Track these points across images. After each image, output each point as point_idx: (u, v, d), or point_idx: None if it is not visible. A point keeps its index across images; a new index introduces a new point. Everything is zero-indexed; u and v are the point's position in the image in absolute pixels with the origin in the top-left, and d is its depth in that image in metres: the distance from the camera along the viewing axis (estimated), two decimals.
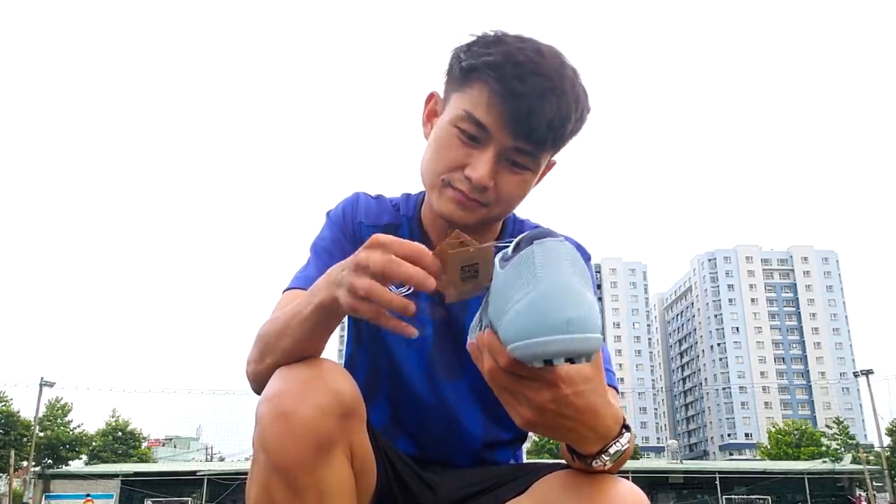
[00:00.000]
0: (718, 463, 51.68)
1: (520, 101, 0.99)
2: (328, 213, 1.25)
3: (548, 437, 0.67)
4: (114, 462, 42.44)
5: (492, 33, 1.06)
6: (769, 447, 53.05)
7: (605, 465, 0.85)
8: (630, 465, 36.04)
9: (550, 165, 1.17)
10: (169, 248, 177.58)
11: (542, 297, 0.67)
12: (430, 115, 1.17)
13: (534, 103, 0.99)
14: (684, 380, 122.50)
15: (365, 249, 0.82)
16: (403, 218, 1.23)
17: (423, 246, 0.81)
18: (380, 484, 1.03)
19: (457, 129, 1.05)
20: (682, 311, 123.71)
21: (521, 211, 1.26)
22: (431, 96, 1.18)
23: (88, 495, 31.11)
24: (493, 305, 0.74)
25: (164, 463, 45.70)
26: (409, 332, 0.83)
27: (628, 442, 0.85)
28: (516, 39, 1.05)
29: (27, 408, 39.93)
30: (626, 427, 0.86)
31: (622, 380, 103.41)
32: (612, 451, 0.84)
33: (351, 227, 1.21)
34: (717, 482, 35.33)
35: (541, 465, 1.04)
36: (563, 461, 0.98)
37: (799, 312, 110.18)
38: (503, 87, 1.00)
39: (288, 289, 1.14)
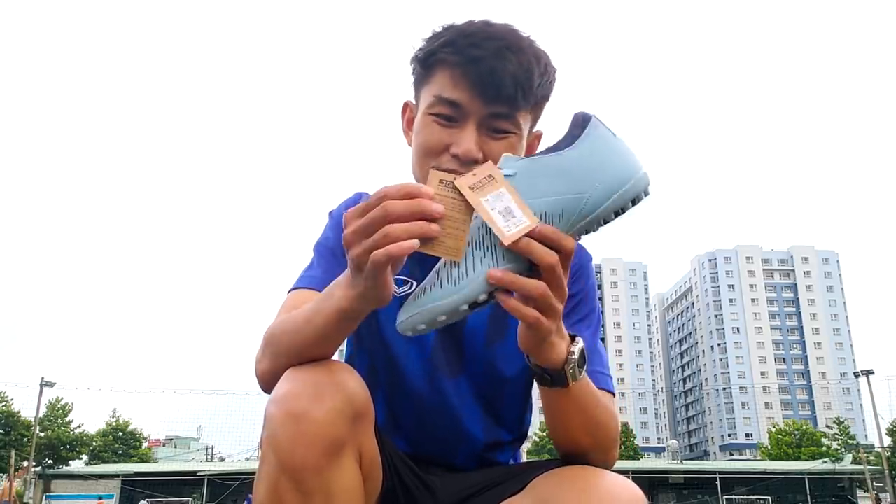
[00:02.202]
0: (719, 463, 51.72)
1: (480, 65, 1.03)
2: (331, 213, 1.26)
3: (530, 347, 0.89)
4: (114, 462, 42.48)
5: (440, 27, 1.11)
6: (769, 447, 53.01)
7: (574, 369, 0.92)
8: (630, 465, 36.12)
9: (537, 136, 1.18)
10: (169, 248, 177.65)
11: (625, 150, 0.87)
12: (409, 123, 1.19)
13: (494, 63, 1.02)
14: (685, 380, 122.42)
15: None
16: None
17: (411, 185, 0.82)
18: (385, 486, 1.03)
19: (431, 115, 1.08)
20: (682, 312, 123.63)
21: None
22: (406, 105, 1.21)
23: (100, 497, 31.04)
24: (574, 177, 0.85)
25: (165, 463, 45.67)
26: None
27: (580, 343, 0.95)
28: (464, 21, 1.10)
29: (28, 408, 40.03)
30: (573, 336, 0.95)
31: (622, 380, 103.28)
32: (574, 350, 0.92)
33: None
34: (718, 482, 35.31)
35: (537, 463, 1.05)
36: (558, 458, 1.00)
37: (799, 313, 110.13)
38: (461, 57, 1.04)
39: (293, 289, 1.15)
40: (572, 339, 0.94)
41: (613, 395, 1.13)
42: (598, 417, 1.00)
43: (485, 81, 1.03)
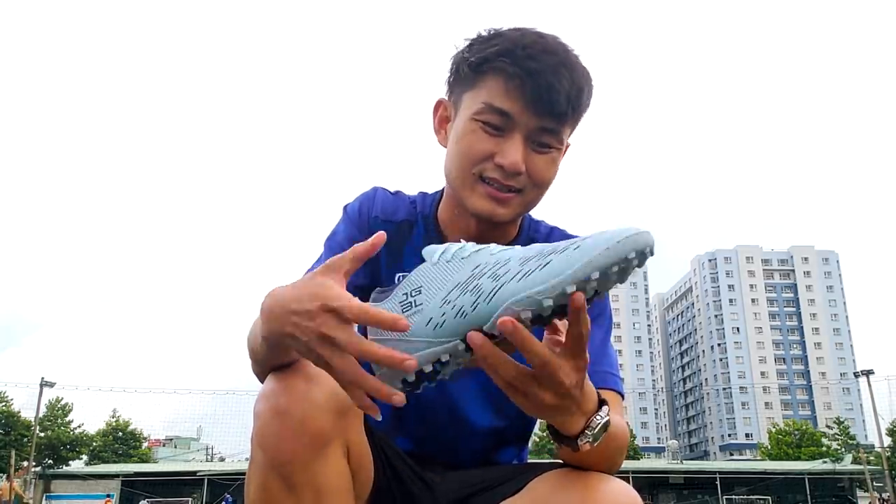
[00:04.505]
0: (719, 463, 51.73)
1: (538, 79, 1.02)
2: (345, 207, 1.25)
3: (543, 418, 0.82)
4: (114, 462, 42.44)
5: (486, 32, 1.10)
6: (769, 447, 53.01)
7: (590, 441, 0.84)
8: (630, 465, 36.03)
9: (566, 148, 1.18)
10: (169, 247, 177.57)
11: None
12: (442, 122, 1.18)
13: (550, 79, 1.02)
14: (685, 380, 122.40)
15: (323, 313, 0.74)
16: (419, 215, 1.23)
17: (369, 308, 0.76)
18: (378, 482, 1.03)
19: (479, 122, 1.06)
20: (682, 312, 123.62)
21: (536, 213, 1.26)
22: (440, 103, 1.19)
23: (108, 495, 31.03)
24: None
25: (165, 463, 45.65)
26: (378, 405, 0.76)
27: (607, 414, 0.85)
28: (513, 30, 1.09)
29: (28, 408, 39.95)
30: (602, 402, 0.86)
31: (622, 380, 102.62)
32: (594, 424, 0.84)
33: (366, 222, 1.21)
34: (718, 482, 35.28)
35: (538, 465, 1.04)
36: (559, 461, 0.99)
37: (799, 312, 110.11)
38: (519, 69, 1.03)
39: None
40: (601, 403, 0.86)
41: (622, 396, 1.13)
42: (614, 458, 0.96)
43: (541, 96, 1.03)
